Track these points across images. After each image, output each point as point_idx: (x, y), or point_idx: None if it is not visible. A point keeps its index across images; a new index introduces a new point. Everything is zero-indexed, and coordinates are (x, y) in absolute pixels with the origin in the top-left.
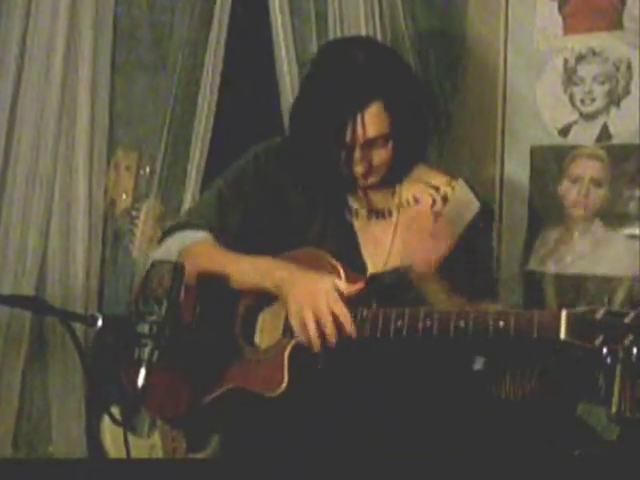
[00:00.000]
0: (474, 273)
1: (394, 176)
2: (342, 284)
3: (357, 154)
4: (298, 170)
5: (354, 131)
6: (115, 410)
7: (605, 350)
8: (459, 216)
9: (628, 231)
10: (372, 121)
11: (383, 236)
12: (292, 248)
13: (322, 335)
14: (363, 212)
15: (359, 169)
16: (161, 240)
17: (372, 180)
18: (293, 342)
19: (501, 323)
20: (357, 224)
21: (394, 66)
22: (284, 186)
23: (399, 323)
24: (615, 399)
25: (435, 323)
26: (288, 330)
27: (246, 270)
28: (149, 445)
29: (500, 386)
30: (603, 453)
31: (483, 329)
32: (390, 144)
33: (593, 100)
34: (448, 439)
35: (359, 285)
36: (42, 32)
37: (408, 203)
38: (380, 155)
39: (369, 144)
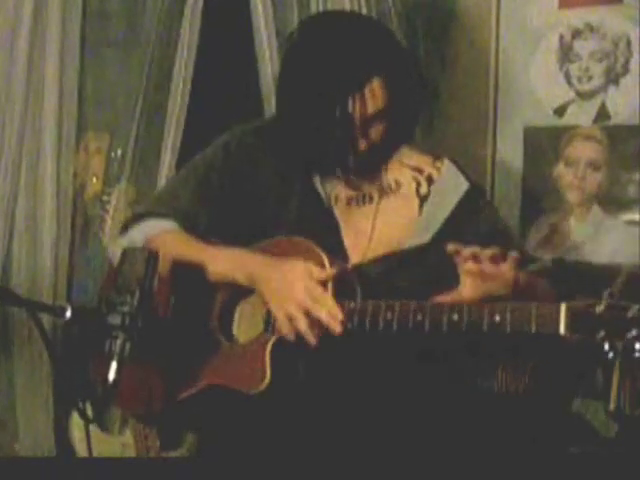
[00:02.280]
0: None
1: (380, 158)
2: (316, 270)
3: (356, 130)
4: (288, 150)
5: (354, 107)
6: (85, 406)
7: (607, 345)
8: (446, 198)
9: (627, 217)
10: (372, 96)
11: (363, 223)
12: (267, 237)
13: (314, 326)
14: (342, 198)
15: (361, 145)
16: (124, 229)
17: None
18: (275, 337)
19: (497, 317)
20: (337, 211)
21: (393, 42)
22: (256, 173)
23: (389, 316)
24: (614, 395)
25: (427, 317)
26: (270, 324)
27: (218, 260)
28: (121, 443)
29: (493, 380)
30: (601, 450)
31: (478, 323)
32: (382, 124)
33: (590, 78)
34: (441, 435)
35: (334, 269)
36: (7, 7)
37: (390, 188)
38: (376, 132)
39: (368, 120)
